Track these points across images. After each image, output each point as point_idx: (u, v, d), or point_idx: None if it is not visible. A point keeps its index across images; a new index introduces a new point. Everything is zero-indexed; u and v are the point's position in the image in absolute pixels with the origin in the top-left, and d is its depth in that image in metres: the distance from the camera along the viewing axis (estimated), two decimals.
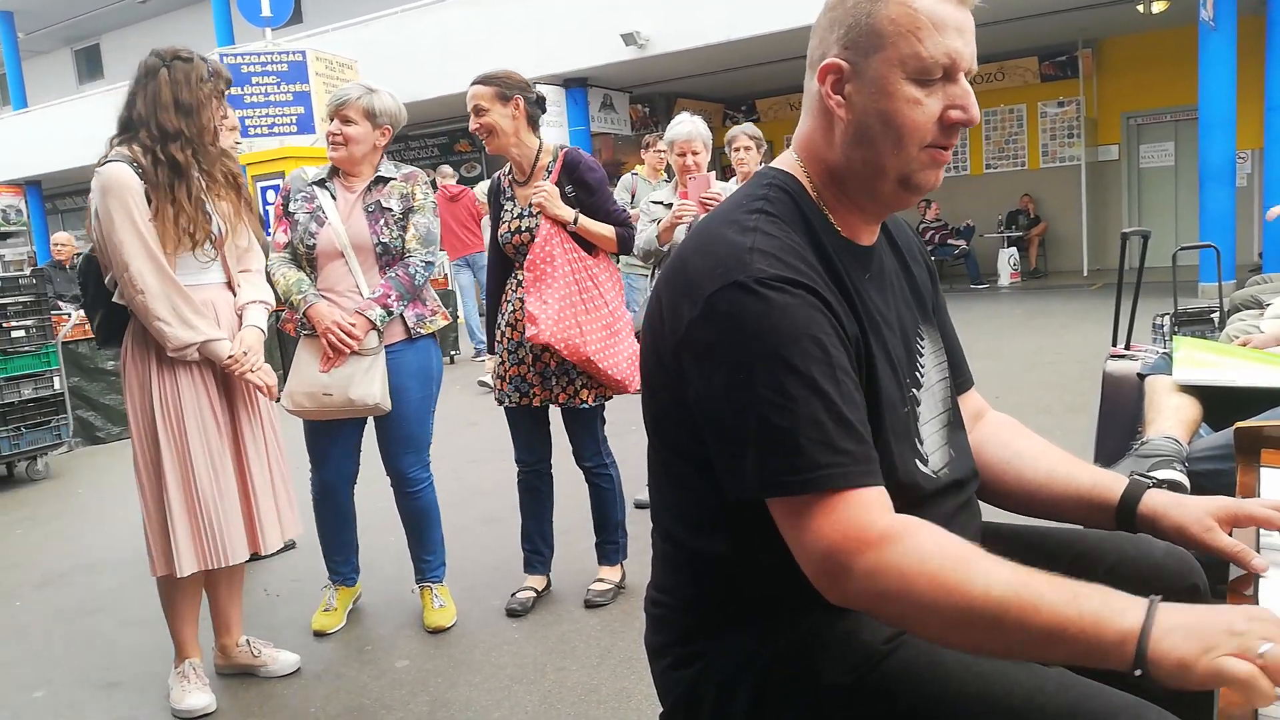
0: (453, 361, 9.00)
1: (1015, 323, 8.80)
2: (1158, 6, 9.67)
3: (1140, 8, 9.96)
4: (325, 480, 2.88)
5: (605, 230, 2.84)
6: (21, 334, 5.36)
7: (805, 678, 1.05)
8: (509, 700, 2.38)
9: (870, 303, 1.10)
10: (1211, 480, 2.05)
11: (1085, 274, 12.69)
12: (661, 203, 3.62)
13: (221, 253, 2.44)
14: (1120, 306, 3.21)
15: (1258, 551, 1.05)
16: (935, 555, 0.91)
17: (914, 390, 1.15)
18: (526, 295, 2.74)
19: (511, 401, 2.87)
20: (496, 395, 2.92)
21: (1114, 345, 3.03)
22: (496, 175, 2.99)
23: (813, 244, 1.07)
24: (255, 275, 2.55)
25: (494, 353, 2.95)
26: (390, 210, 2.72)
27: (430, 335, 2.83)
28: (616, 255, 2.97)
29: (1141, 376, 2.57)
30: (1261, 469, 1.24)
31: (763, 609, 1.07)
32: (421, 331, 2.78)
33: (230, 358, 2.35)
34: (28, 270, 7.89)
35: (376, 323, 2.66)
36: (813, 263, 1.04)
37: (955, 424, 1.22)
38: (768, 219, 1.06)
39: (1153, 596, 0.86)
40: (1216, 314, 3.48)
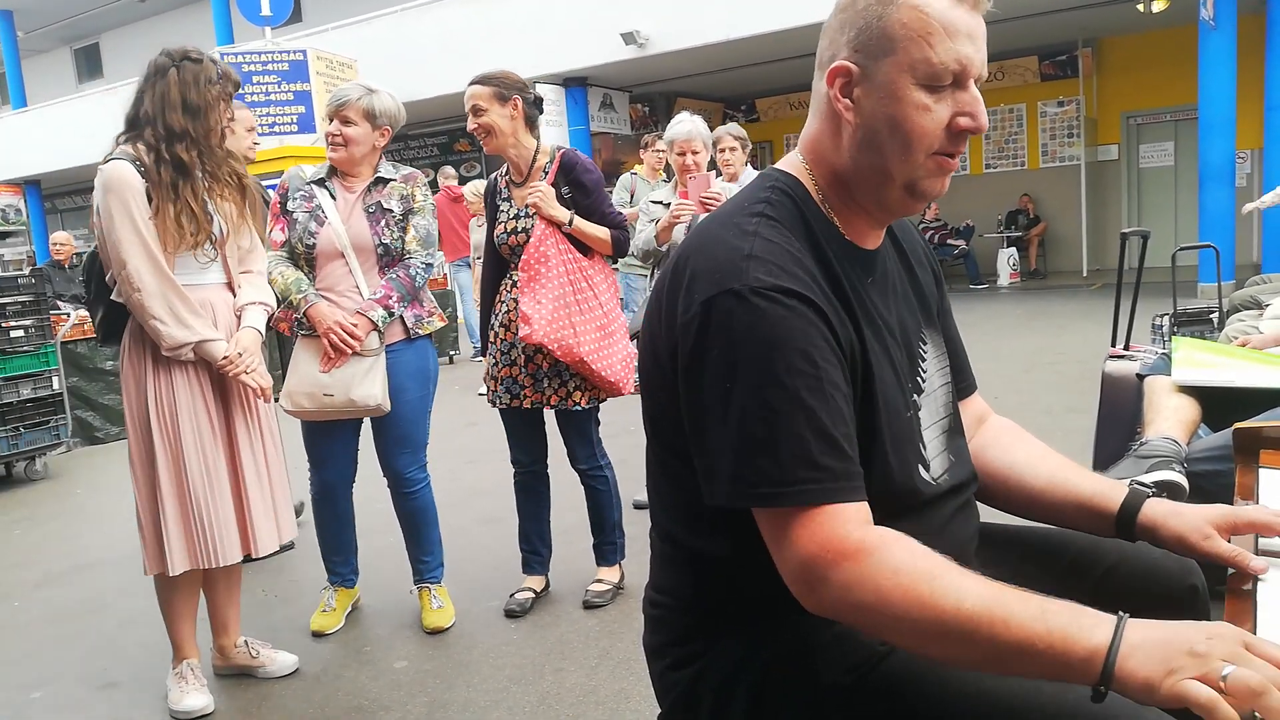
0: (452, 361, 9.00)
1: (1015, 323, 8.80)
2: (1158, 6, 9.65)
3: (1140, 7, 9.94)
4: (325, 480, 2.88)
5: (600, 232, 2.83)
6: (20, 334, 5.36)
7: (804, 678, 1.05)
8: (507, 701, 2.38)
9: (872, 308, 1.10)
10: (1210, 481, 2.05)
11: (1085, 274, 12.70)
12: (661, 202, 3.62)
13: (223, 253, 2.43)
14: (1120, 307, 3.22)
15: (1256, 555, 1.05)
16: (909, 568, 0.91)
17: (915, 396, 1.14)
18: (520, 295, 2.74)
19: (502, 403, 2.87)
20: (489, 397, 2.92)
21: (1113, 346, 3.03)
22: (493, 176, 2.99)
23: (813, 249, 1.06)
24: (257, 277, 2.54)
25: (487, 354, 2.95)
26: (391, 211, 2.73)
27: (427, 336, 2.84)
28: (612, 258, 2.96)
29: (1141, 377, 2.58)
30: (1260, 470, 1.24)
31: (762, 609, 1.07)
32: (420, 332, 2.79)
33: (225, 358, 2.35)
34: (27, 270, 7.89)
35: (378, 323, 2.66)
36: (811, 269, 1.03)
37: (955, 429, 1.22)
38: (768, 223, 1.05)
39: (1120, 613, 0.86)
40: (1216, 314, 3.49)
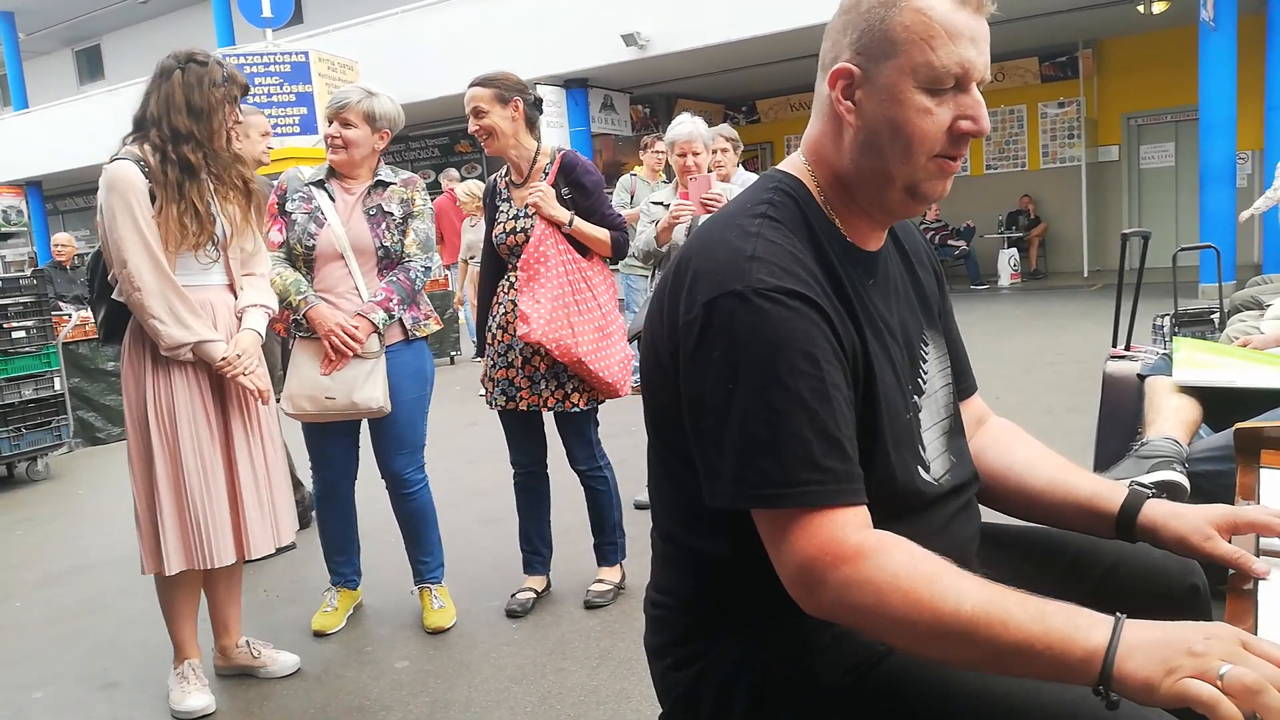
0: (453, 362, 9.01)
1: (1015, 323, 8.80)
2: (1158, 7, 9.66)
3: (1140, 8, 9.95)
4: (327, 480, 2.90)
5: (600, 234, 2.83)
6: (22, 335, 5.37)
7: (804, 678, 1.05)
8: (509, 701, 2.38)
9: (873, 309, 1.10)
10: (1211, 481, 2.05)
11: (1085, 275, 12.69)
12: (662, 203, 3.62)
13: (225, 256, 2.44)
14: (1120, 307, 3.22)
15: (1257, 555, 1.05)
16: (907, 571, 0.91)
17: (916, 397, 1.14)
18: (519, 294, 2.74)
19: (498, 405, 2.87)
20: (487, 399, 2.92)
21: (1114, 346, 3.03)
22: (493, 177, 2.99)
23: (815, 251, 1.06)
24: (259, 279, 2.55)
25: (483, 355, 2.95)
26: (392, 215, 2.74)
27: (423, 338, 2.85)
28: (611, 260, 2.96)
29: (1142, 377, 2.58)
30: (1261, 470, 1.24)
31: (762, 609, 1.07)
32: (417, 334, 2.80)
33: (223, 360, 2.35)
34: (28, 271, 7.90)
35: (379, 326, 2.67)
36: (814, 271, 1.03)
37: (955, 430, 1.22)
38: (771, 224, 1.05)
39: (1118, 614, 0.86)
40: (1217, 315, 3.48)
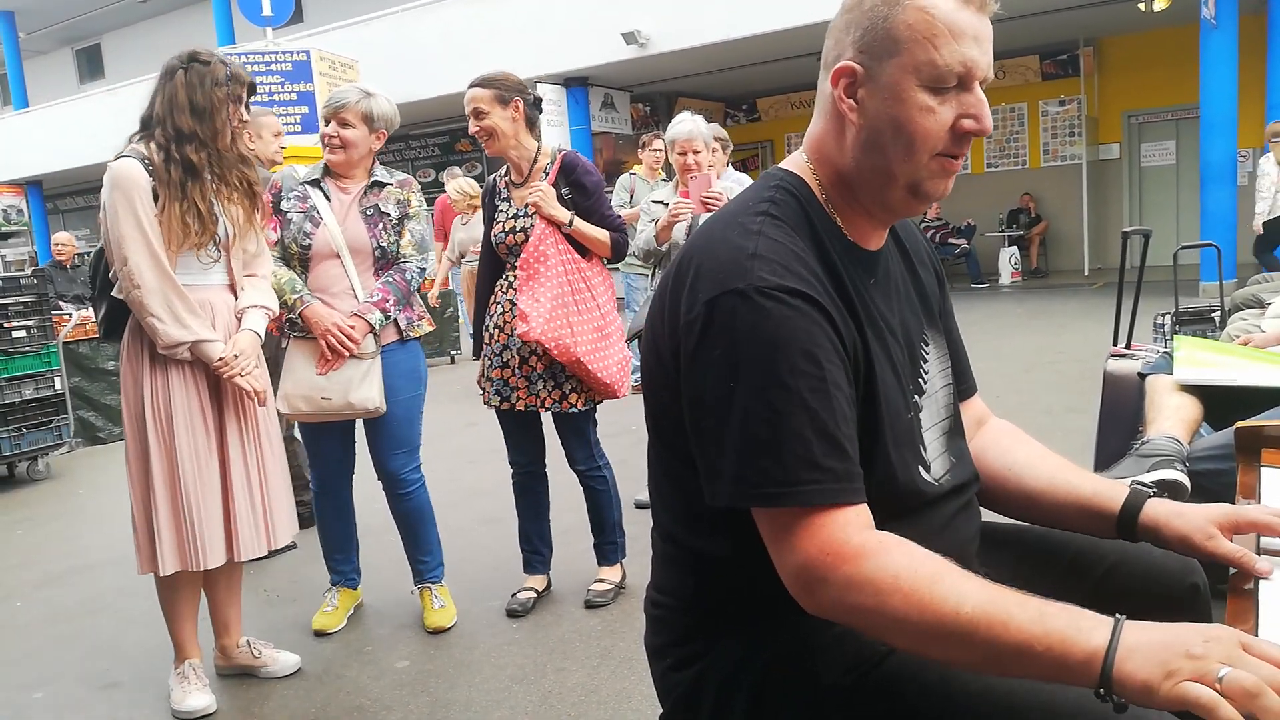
0: (453, 361, 9.00)
1: (1016, 322, 8.79)
2: (1159, 5, 9.64)
3: (1141, 6, 9.93)
4: (324, 477, 2.90)
5: (600, 234, 2.83)
6: (23, 334, 5.36)
7: (805, 678, 1.05)
8: (509, 701, 2.38)
9: (874, 309, 1.10)
10: (1212, 480, 2.04)
11: (1086, 273, 12.69)
12: (662, 202, 3.62)
13: (227, 256, 2.44)
14: (1121, 306, 3.21)
15: (1259, 555, 1.05)
16: (908, 571, 0.91)
17: (916, 397, 1.14)
18: (519, 293, 2.74)
19: (494, 405, 2.87)
20: (483, 399, 2.92)
21: (1115, 344, 3.02)
22: (493, 176, 2.99)
23: (817, 249, 1.06)
24: (260, 280, 2.54)
25: (481, 355, 2.94)
26: (388, 215, 2.75)
27: (417, 338, 2.85)
28: (610, 260, 2.95)
29: (1142, 376, 2.57)
30: (1262, 469, 1.24)
31: (762, 609, 1.07)
32: (411, 335, 2.81)
33: (221, 360, 2.35)
34: (29, 270, 7.90)
35: (375, 326, 2.67)
36: (815, 269, 1.03)
37: (955, 430, 1.22)
38: (772, 222, 1.05)
39: (1118, 616, 0.86)
40: (1217, 313, 3.48)
